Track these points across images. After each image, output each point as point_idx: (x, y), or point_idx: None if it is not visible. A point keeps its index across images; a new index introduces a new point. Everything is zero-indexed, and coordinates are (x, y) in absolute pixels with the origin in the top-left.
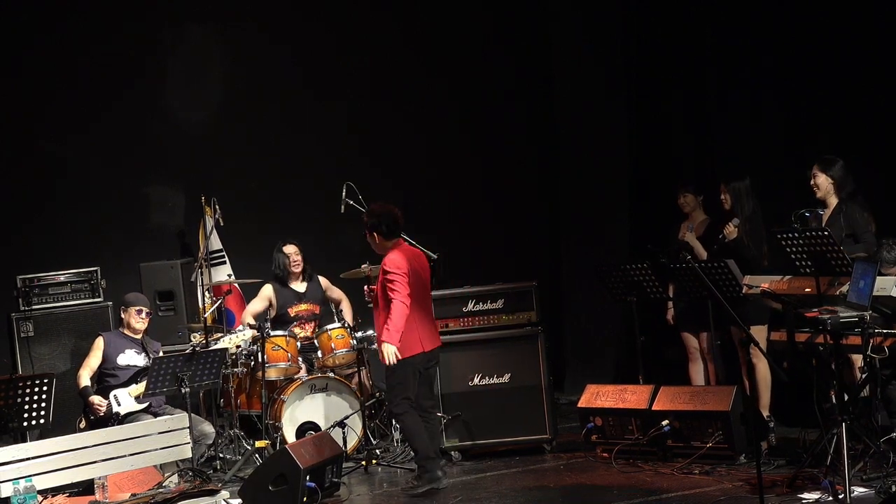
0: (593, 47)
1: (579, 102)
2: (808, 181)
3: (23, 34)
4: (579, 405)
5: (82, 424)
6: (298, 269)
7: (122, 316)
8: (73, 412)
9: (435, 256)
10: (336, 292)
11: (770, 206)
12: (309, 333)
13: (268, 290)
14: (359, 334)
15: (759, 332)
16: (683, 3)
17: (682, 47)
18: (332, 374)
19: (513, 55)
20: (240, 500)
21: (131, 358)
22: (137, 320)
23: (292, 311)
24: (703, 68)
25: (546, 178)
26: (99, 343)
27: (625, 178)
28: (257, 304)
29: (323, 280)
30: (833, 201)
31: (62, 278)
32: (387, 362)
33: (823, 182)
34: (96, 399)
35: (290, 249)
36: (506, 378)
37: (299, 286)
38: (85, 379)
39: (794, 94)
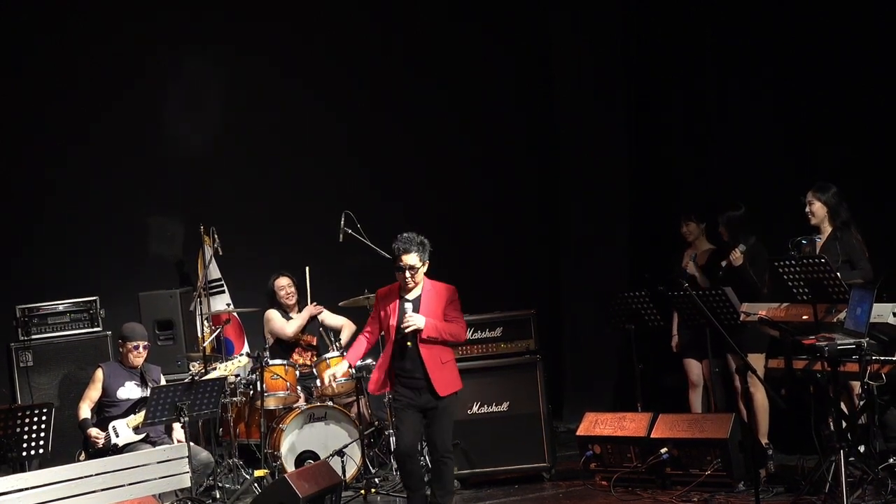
0: (592, 65)
1: (579, 128)
2: (804, 207)
3: (20, 57)
4: (578, 433)
5: (82, 457)
6: (292, 301)
7: (120, 349)
8: (73, 442)
9: None
10: (336, 319)
11: (770, 231)
12: (308, 361)
13: (275, 315)
14: (358, 363)
15: (757, 360)
16: (683, 9)
17: (682, 60)
18: (330, 403)
19: (512, 77)
20: None
21: (131, 391)
22: (136, 355)
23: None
24: (704, 83)
25: (546, 204)
26: (98, 375)
27: (625, 204)
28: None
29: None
30: (828, 228)
31: (61, 308)
32: (410, 325)
33: (819, 209)
34: (94, 431)
35: (282, 282)
36: (504, 406)
37: (297, 316)
38: (85, 411)
39: (796, 112)
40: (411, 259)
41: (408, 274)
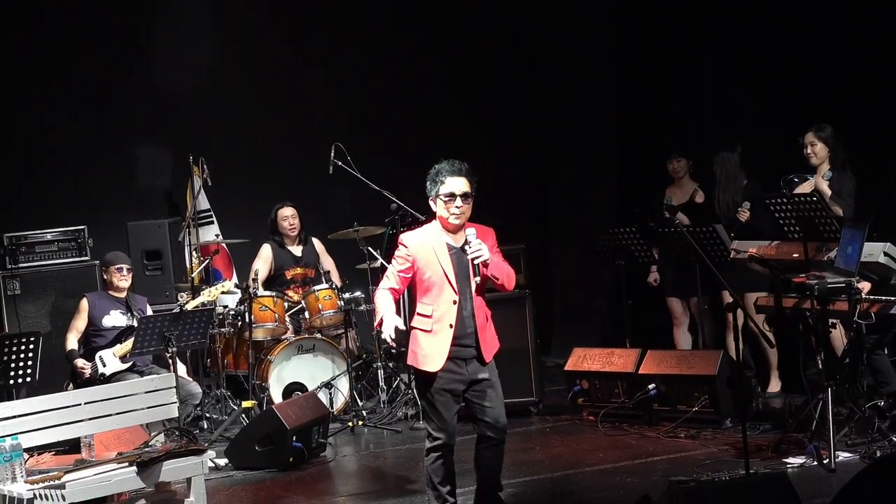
0: (581, 12)
1: (570, 66)
2: (799, 149)
3: None
4: (566, 368)
5: (70, 388)
6: (295, 233)
7: (104, 276)
8: (60, 370)
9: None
10: (328, 261)
11: (759, 173)
12: (300, 298)
13: (267, 251)
14: (346, 295)
15: (762, 300)
16: None
17: (671, 14)
18: (319, 335)
19: (505, 29)
20: (226, 460)
21: (116, 319)
22: (119, 278)
23: (289, 274)
24: (694, 35)
25: (535, 141)
26: (84, 305)
27: (613, 141)
28: (261, 265)
29: (317, 243)
30: (825, 168)
31: (49, 237)
32: (478, 252)
33: (821, 149)
34: (80, 362)
35: (287, 212)
36: None
37: (296, 249)
38: (71, 342)
39: (786, 63)
40: (463, 185)
41: (459, 203)
